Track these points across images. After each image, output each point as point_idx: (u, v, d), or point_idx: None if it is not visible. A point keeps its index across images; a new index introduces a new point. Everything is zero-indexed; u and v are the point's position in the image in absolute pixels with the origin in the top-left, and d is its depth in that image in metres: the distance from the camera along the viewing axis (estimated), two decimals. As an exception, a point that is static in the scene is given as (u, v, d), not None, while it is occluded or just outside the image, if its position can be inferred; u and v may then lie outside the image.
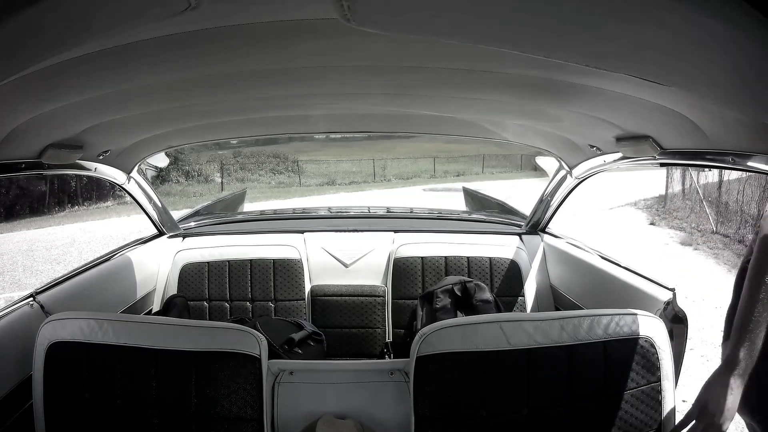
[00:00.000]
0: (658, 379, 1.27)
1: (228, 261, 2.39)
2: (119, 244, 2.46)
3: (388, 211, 2.91)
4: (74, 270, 1.90)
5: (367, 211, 2.91)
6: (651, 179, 11.83)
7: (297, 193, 13.21)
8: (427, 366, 1.18)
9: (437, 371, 1.17)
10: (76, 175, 1.92)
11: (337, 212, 2.86)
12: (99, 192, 12.70)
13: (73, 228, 10.99)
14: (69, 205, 12.69)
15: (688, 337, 1.39)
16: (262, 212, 3.08)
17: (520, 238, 2.48)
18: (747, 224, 8.21)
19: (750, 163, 1.02)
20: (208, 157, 14.48)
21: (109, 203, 12.41)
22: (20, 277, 7.80)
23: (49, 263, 8.41)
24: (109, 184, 2.11)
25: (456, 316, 2.08)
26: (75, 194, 12.66)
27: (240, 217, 3.00)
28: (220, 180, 14.29)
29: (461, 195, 3.45)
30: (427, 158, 16.76)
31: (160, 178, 12.90)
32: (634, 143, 1.39)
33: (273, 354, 1.62)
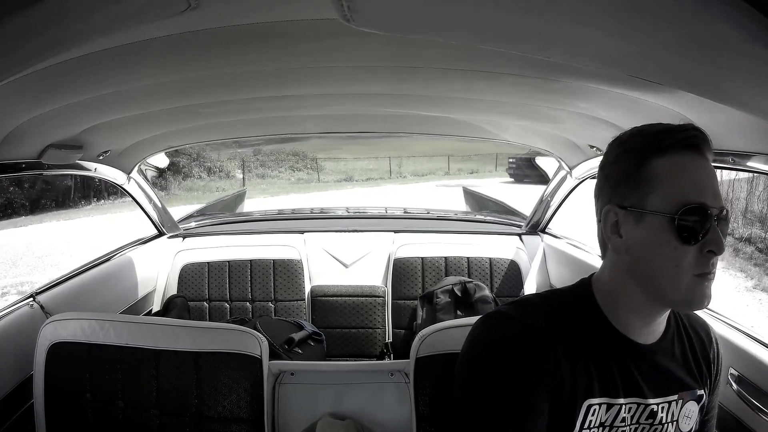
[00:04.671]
0: None
1: (228, 261, 2.39)
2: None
3: (387, 212, 2.91)
4: (74, 270, 1.90)
5: (367, 211, 2.91)
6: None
7: (316, 189, 13.62)
8: (427, 367, 1.17)
9: (437, 372, 1.17)
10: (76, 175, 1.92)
11: (337, 213, 2.86)
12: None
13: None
14: (95, 198, 12.77)
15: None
16: (262, 212, 3.08)
17: (520, 239, 2.48)
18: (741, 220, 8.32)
19: (750, 163, 1.02)
20: (228, 155, 14.95)
21: (127, 199, 12.44)
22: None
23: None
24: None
25: (456, 317, 2.08)
26: (100, 189, 12.82)
27: (240, 217, 3.00)
28: (241, 176, 14.73)
29: (470, 192, 3.46)
30: (441, 156, 17.18)
31: (182, 174, 13.40)
32: None
33: (273, 354, 1.62)
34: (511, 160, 14.39)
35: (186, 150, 13.42)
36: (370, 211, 2.90)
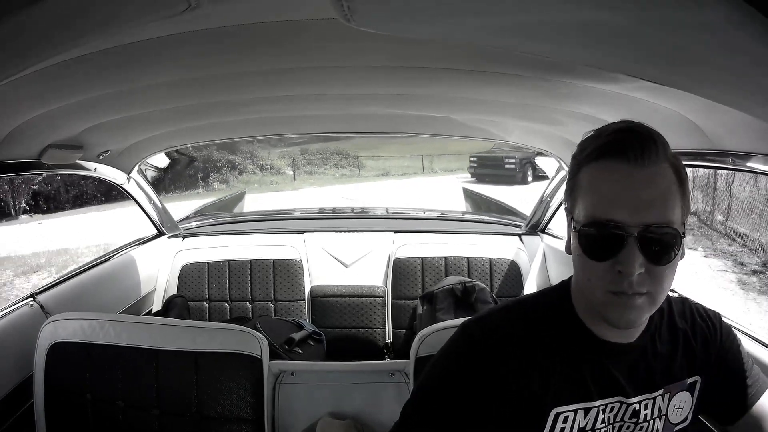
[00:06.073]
0: None
1: (228, 261, 2.39)
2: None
3: (388, 212, 2.91)
4: (74, 270, 1.90)
5: (367, 211, 2.91)
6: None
7: (356, 181, 15.66)
8: None
9: None
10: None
11: (337, 213, 2.86)
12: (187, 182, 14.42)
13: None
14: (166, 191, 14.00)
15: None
16: (262, 212, 3.08)
17: (520, 239, 2.48)
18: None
19: (750, 164, 1.01)
20: (278, 154, 16.92)
21: (199, 190, 14.16)
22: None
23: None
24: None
25: (456, 317, 2.08)
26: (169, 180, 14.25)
27: (240, 217, 3.00)
28: (291, 172, 16.59)
29: (470, 191, 3.47)
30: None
31: (237, 170, 15.32)
32: None
33: (273, 354, 1.62)
34: (472, 159, 14.55)
35: (240, 149, 15.21)
36: (370, 211, 2.90)
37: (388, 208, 2.95)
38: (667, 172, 0.67)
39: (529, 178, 13.07)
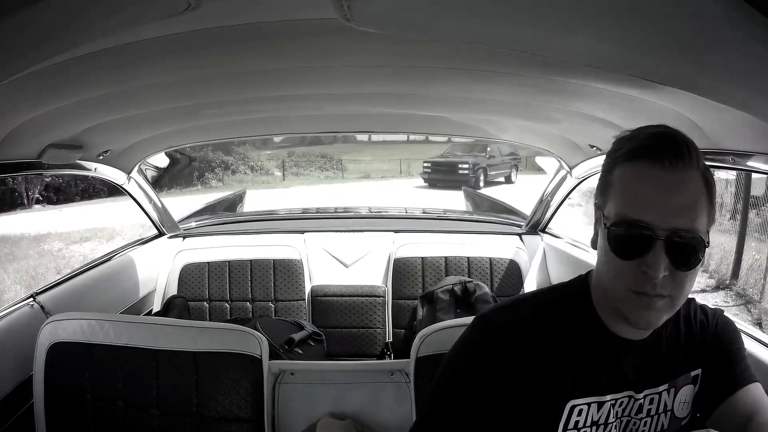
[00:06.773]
0: None
1: (228, 261, 2.39)
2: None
3: (387, 211, 2.91)
4: (74, 270, 1.90)
5: (367, 211, 2.91)
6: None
7: (340, 182, 17.07)
8: (428, 367, 1.17)
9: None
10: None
11: (337, 212, 2.86)
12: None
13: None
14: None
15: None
16: (262, 212, 3.08)
17: (520, 238, 2.48)
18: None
19: (750, 163, 1.01)
20: (267, 157, 18.47)
21: (198, 187, 15.24)
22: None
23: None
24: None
25: (456, 316, 2.08)
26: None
27: (240, 217, 3.00)
28: (280, 173, 18.09)
29: (470, 191, 3.47)
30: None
31: (230, 171, 16.76)
32: None
33: (273, 354, 1.62)
34: (425, 164, 14.83)
35: (235, 150, 16.52)
36: (370, 210, 2.89)
37: (387, 208, 2.94)
38: (698, 181, 0.69)
39: (481, 183, 13.35)
